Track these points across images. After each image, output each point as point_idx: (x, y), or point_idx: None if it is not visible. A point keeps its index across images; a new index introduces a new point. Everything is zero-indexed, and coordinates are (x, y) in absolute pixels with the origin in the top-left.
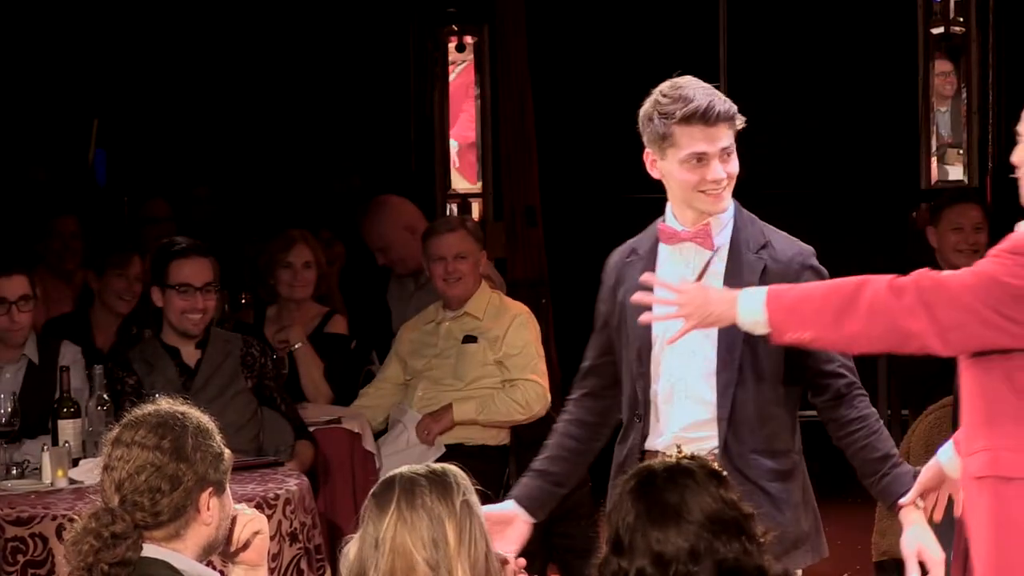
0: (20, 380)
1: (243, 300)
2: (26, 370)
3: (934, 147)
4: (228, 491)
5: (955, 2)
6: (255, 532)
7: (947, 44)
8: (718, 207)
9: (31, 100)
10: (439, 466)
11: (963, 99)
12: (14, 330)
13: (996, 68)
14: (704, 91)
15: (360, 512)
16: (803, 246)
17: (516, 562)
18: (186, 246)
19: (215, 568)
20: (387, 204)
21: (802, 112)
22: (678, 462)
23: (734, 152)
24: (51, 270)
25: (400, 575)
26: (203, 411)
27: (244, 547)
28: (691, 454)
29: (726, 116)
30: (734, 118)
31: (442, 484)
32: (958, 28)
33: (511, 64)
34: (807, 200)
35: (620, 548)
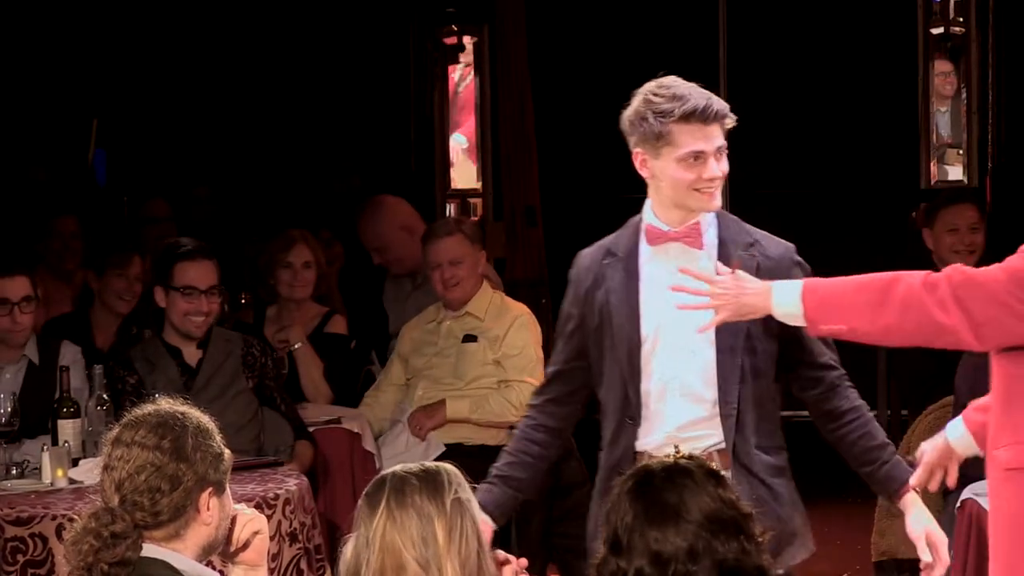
0: (20, 380)
1: (243, 300)
2: (26, 370)
3: (934, 147)
4: (228, 491)
5: (955, 2)
6: (255, 532)
7: (947, 44)
8: (712, 205)
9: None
10: (433, 464)
11: (963, 99)
12: (16, 331)
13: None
14: (697, 90)
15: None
16: (787, 243)
17: (518, 562)
18: (192, 248)
19: (215, 568)
20: (384, 204)
21: (802, 112)
22: (676, 462)
23: (725, 150)
24: (51, 270)
25: (391, 573)
26: (204, 411)
27: (244, 547)
28: (689, 454)
29: (722, 115)
30: (727, 117)
31: (433, 482)
32: (958, 28)
33: (511, 64)
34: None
35: (618, 548)
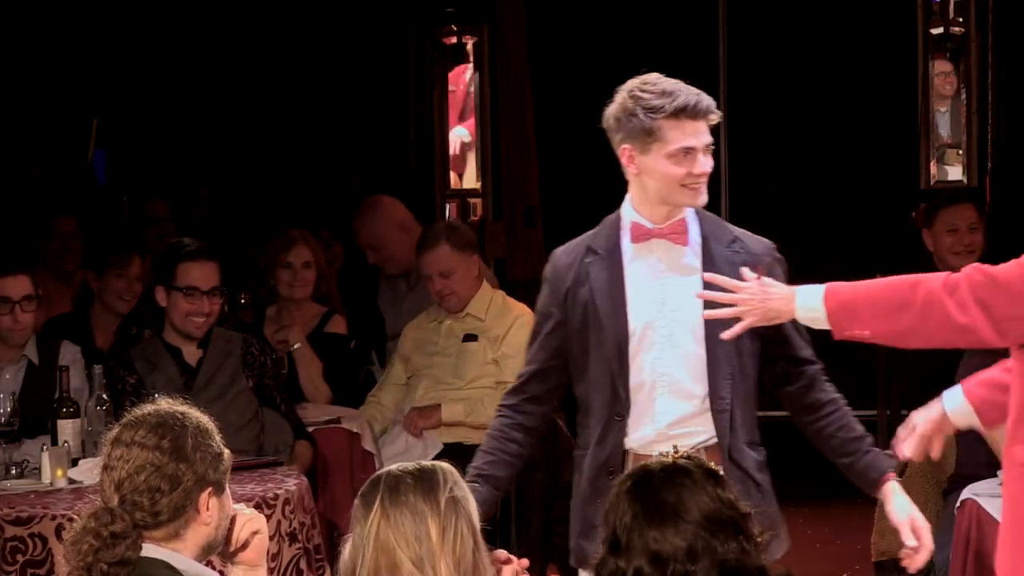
0: (20, 380)
1: (243, 300)
2: (26, 370)
3: (933, 147)
4: (227, 491)
5: (955, 2)
6: (254, 532)
7: (947, 44)
8: (699, 201)
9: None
10: (429, 463)
11: (963, 99)
12: (17, 330)
13: (996, 68)
14: (683, 86)
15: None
16: (766, 240)
17: (519, 562)
18: (195, 249)
19: (214, 568)
20: (379, 203)
21: (801, 112)
22: (675, 462)
23: (712, 147)
24: (51, 270)
25: (385, 572)
26: (204, 411)
27: (243, 547)
28: (688, 453)
29: (710, 110)
30: (713, 113)
31: (428, 481)
32: (958, 28)
33: (511, 64)
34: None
35: (617, 548)
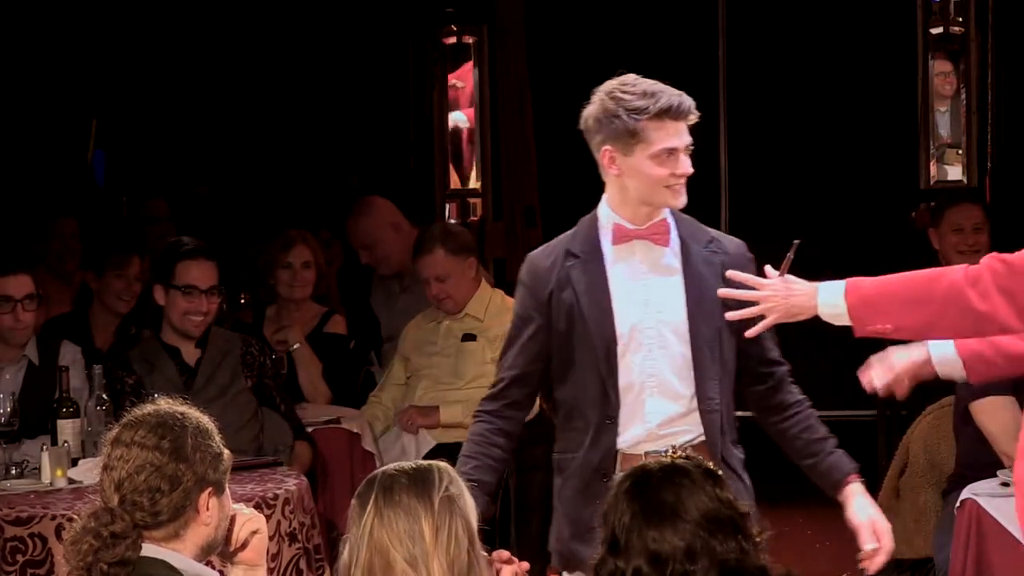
0: (20, 380)
1: (242, 300)
2: (26, 370)
3: (933, 147)
4: (227, 491)
5: (954, 2)
6: (253, 531)
7: (946, 44)
8: (680, 201)
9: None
10: (425, 463)
11: (962, 99)
12: (18, 329)
13: (995, 68)
14: (664, 87)
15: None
16: (739, 240)
17: (520, 565)
18: (193, 247)
19: (214, 568)
20: (373, 203)
21: (801, 112)
22: (673, 462)
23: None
24: (51, 271)
25: (379, 572)
26: (204, 411)
27: (243, 546)
28: (686, 454)
29: (691, 111)
30: (694, 113)
31: (422, 480)
32: (957, 28)
33: (510, 64)
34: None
35: (616, 548)
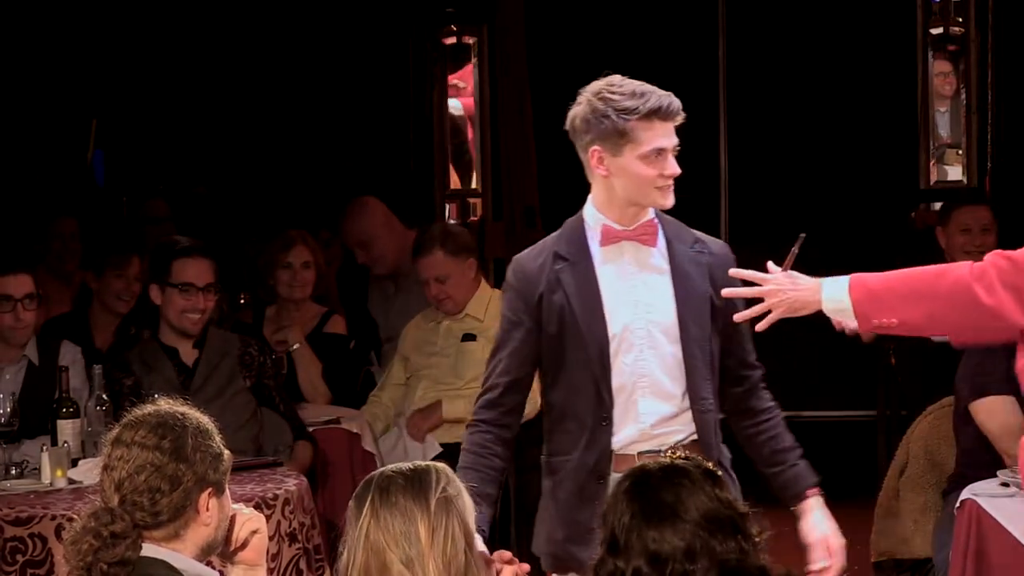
0: (20, 380)
1: (242, 300)
2: (26, 370)
3: (933, 147)
4: (227, 492)
5: (954, 2)
6: (253, 531)
7: (946, 44)
8: (669, 201)
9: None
10: (423, 464)
11: (962, 99)
12: (19, 328)
13: (995, 68)
14: (652, 88)
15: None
16: (722, 242)
17: (521, 566)
18: (189, 245)
19: (214, 568)
20: (367, 202)
21: (801, 112)
22: (673, 462)
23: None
24: (51, 271)
25: (376, 573)
26: (201, 411)
27: (242, 546)
28: (686, 454)
29: (679, 112)
30: (681, 115)
31: (419, 481)
32: (957, 28)
33: (510, 64)
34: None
35: (616, 548)
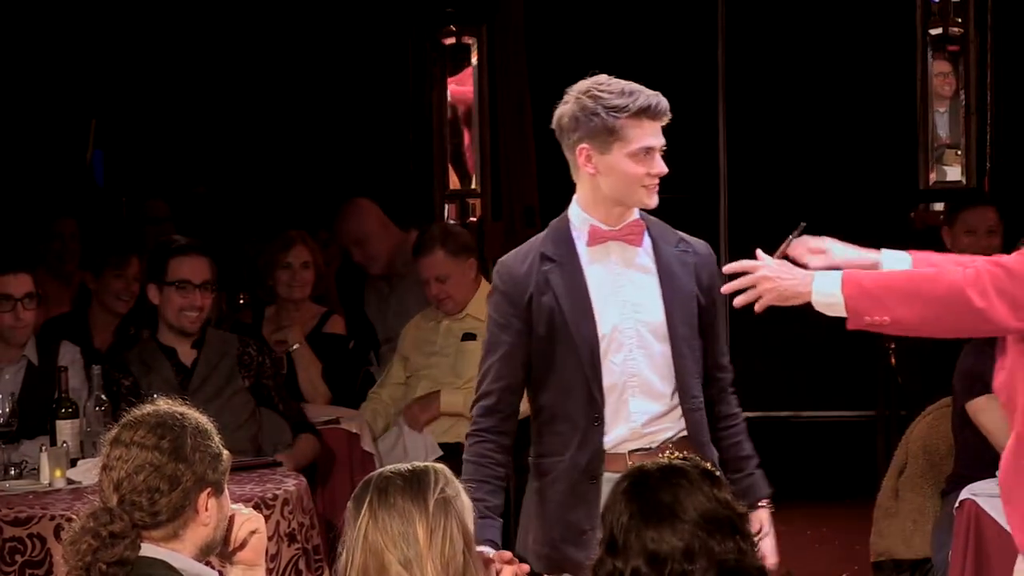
0: (19, 381)
1: (241, 300)
2: (25, 371)
3: (932, 148)
4: (226, 492)
5: (953, 2)
6: (252, 531)
7: (945, 45)
8: (654, 201)
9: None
10: (422, 464)
11: (961, 100)
12: (18, 327)
13: (994, 69)
14: (640, 87)
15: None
16: (705, 242)
17: (520, 567)
18: (185, 244)
19: (213, 568)
20: (361, 202)
21: (800, 112)
22: (671, 462)
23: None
24: (50, 271)
25: (374, 574)
26: (200, 411)
27: (241, 546)
28: (684, 454)
29: (667, 112)
30: (668, 115)
31: (417, 482)
32: (956, 29)
33: (509, 64)
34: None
35: (615, 548)
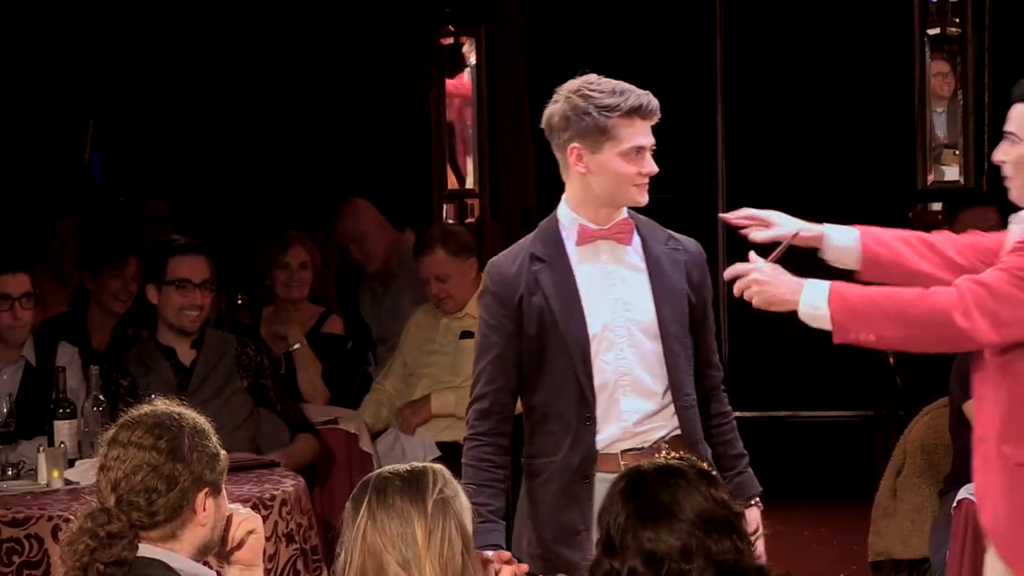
0: (17, 381)
1: (239, 301)
2: (23, 371)
3: (930, 148)
4: (224, 492)
5: (951, 2)
6: (249, 531)
7: (943, 45)
8: (645, 198)
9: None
10: (421, 465)
11: (959, 100)
12: (16, 327)
13: (992, 68)
14: (631, 86)
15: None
16: (694, 240)
17: (519, 566)
18: (184, 243)
19: (211, 568)
20: (358, 201)
21: (798, 112)
22: (668, 462)
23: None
24: (48, 271)
25: (372, 574)
26: (199, 411)
27: (239, 546)
28: (680, 454)
29: (657, 111)
30: (658, 114)
31: (416, 483)
32: (954, 29)
33: (507, 64)
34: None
35: (612, 549)
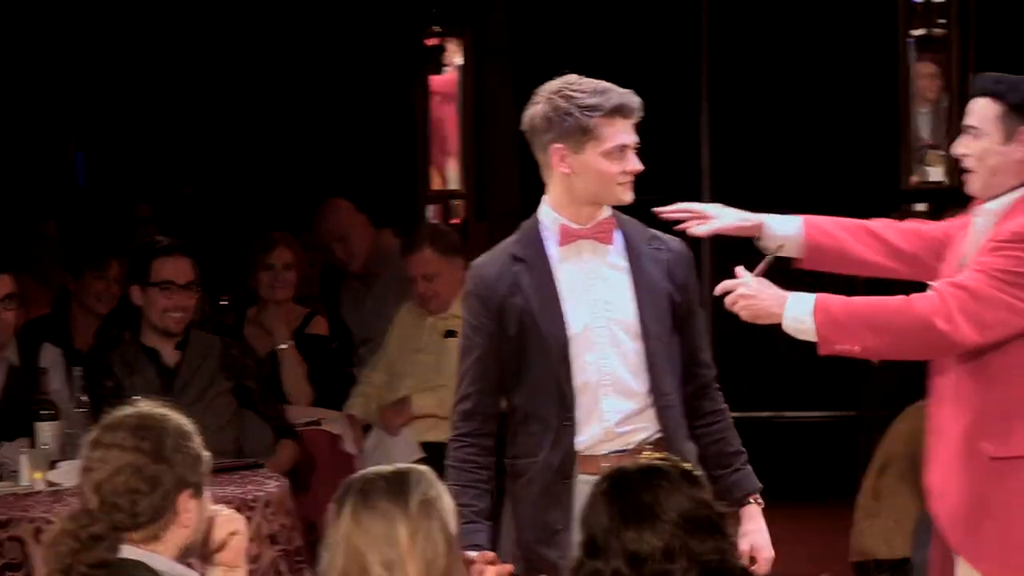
0: (0, 382)
1: (223, 302)
2: (6, 372)
3: (914, 148)
4: (207, 493)
5: (936, 3)
6: (231, 532)
7: (928, 45)
8: (628, 198)
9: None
10: (405, 466)
11: (944, 100)
12: None
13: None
14: (612, 86)
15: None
16: (678, 239)
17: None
18: (168, 244)
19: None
20: (338, 202)
21: (783, 113)
22: (651, 463)
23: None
24: (31, 273)
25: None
26: (183, 413)
27: (221, 548)
28: (664, 455)
29: (639, 110)
30: (640, 113)
31: (399, 484)
32: (939, 30)
33: (492, 65)
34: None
35: (595, 550)
